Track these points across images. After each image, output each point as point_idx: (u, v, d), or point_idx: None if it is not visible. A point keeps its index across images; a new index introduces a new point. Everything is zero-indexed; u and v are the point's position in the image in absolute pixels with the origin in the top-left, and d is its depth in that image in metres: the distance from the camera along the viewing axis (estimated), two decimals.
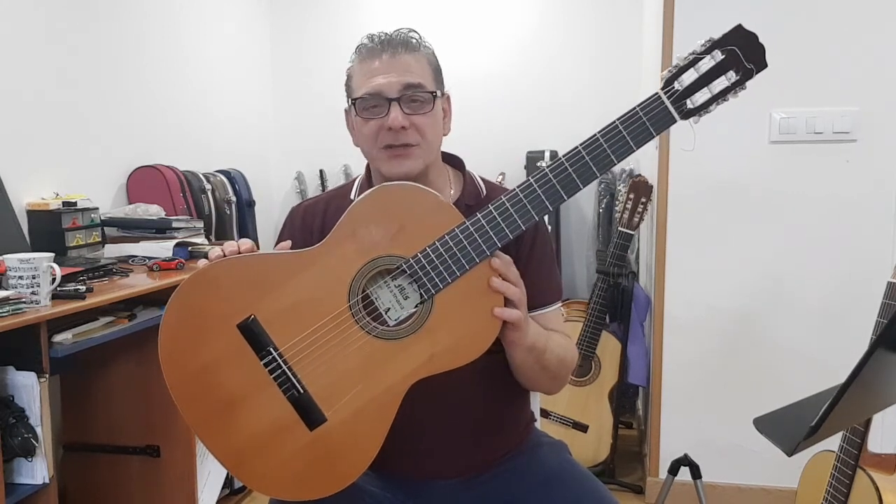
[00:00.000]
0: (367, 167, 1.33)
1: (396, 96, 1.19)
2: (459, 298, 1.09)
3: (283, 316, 1.10)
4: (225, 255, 1.13)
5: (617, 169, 3.54)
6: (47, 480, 1.74)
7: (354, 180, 1.35)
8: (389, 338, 1.10)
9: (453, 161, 1.35)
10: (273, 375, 1.09)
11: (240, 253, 1.13)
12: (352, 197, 1.30)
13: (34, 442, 1.71)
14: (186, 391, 1.11)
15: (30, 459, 1.71)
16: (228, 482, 2.56)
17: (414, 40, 1.23)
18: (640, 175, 2.90)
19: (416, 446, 1.24)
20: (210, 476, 2.41)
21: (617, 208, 3.18)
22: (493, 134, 3.69)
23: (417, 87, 1.20)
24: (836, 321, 2.34)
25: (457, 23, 3.70)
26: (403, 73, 1.19)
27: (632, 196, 2.63)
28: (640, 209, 2.62)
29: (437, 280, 1.08)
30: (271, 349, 1.09)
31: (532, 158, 3.64)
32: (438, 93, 1.24)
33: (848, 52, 2.27)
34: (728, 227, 2.42)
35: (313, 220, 1.31)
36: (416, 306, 1.11)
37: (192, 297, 1.11)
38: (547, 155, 3.61)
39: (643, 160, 3.15)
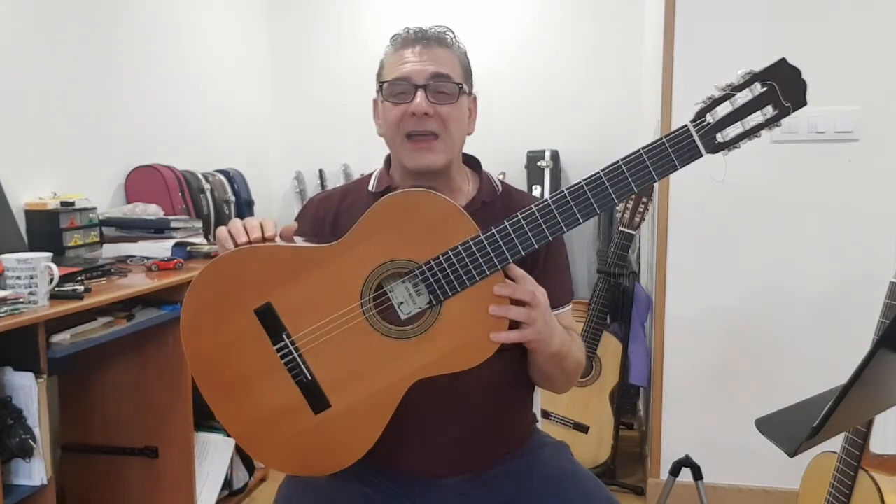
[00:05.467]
0: (387, 159, 1.36)
1: (423, 83, 1.23)
2: (466, 308, 1.12)
3: (299, 306, 1.14)
4: (245, 230, 1.16)
5: None
6: (45, 481, 1.74)
7: (372, 173, 1.37)
8: (396, 337, 1.14)
9: (471, 162, 1.38)
10: (284, 360, 1.15)
11: (262, 230, 1.16)
12: (370, 188, 1.33)
13: (32, 443, 1.70)
14: (204, 367, 1.18)
15: (28, 460, 1.71)
16: (227, 483, 2.56)
17: (449, 38, 1.28)
18: None
19: (419, 443, 1.24)
20: (209, 477, 2.40)
21: (618, 208, 3.17)
22: (494, 133, 3.66)
23: (445, 77, 1.24)
24: (837, 321, 2.33)
25: (457, 22, 3.66)
26: (433, 63, 1.23)
27: (633, 196, 2.62)
28: (641, 209, 2.62)
29: (446, 288, 1.11)
30: (284, 336, 1.14)
31: (532, 158, 3.63)
32: (466, 88, 1.28)
33: (850, 51, 2.26)
34: (729, 227, 2.41)
35: (325, 213, 1.33)
36: (427, 304, 1.13)
37: (215, 280, 1.16)
38: (547, 154, 3.60)
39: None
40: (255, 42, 3.96)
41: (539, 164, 3.60)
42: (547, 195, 1.20)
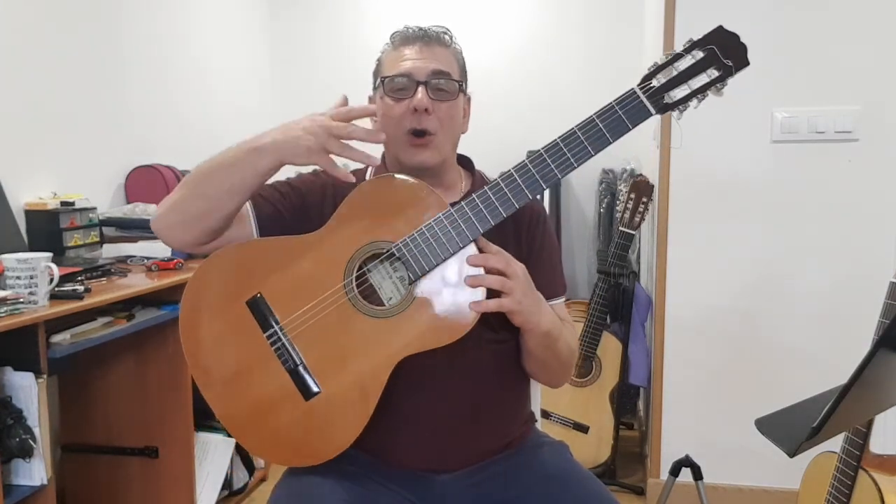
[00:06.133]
0: (383, 154, 1.36)
1: (424, 80, 1.25)
2: (443, 282, 1.15)
3: (286, 293, 1.18)
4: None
5: (618, 168, 3.53)
6: (45, 482, 1.74)
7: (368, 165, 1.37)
8: (378, 316, 1.16)
9: (463, 161, 1.40)
10: (274, 348, 1.18)
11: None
12: (366, 178, 1.34)
13: (32, 443, 1.70)
14: (200, 362, 1.21)
15: (28, 461, 1.71)
16: (227, 483, 2.56)
17: (447, 37, 1.32)
18: (641, 175, 2.89)
19: (411, 436, 1.24)
20: (209, 477, 2.40)
21: (618, 208, 3.17)
22: (493, 132, 3.67)
23: (445, 74, 1.27)
24: (837, 321, 2.33)
25: (457, 22, 3.67)
26: (433, 61, 1.26)
27: (633, 196, 2.62)
28: (641, 209, 2.62)
29: (423, 263, 1.15)
30: (273, 323, 1.18)
31: None
32: (463, 85, 1.31)
33: (850, 50, 2.26)
34: (730, 227, 2.41)
35: (330, 193, 1.32)
36: (407, 283, 1.17)
37: (210, 276, 1.23)
38: None
39: (644, 159, 3.14)
40: (256, 42, 3.96)
41: None
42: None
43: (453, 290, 1.15)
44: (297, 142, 1.15)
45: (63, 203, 2.35)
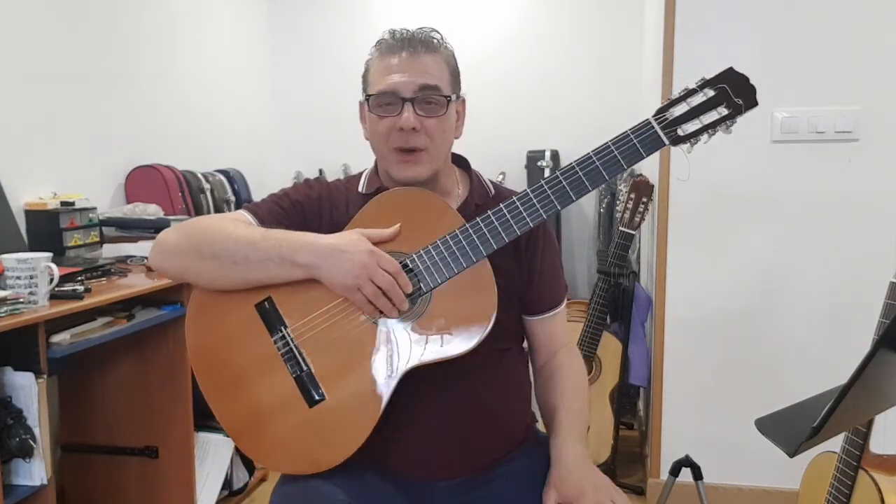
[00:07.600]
0: (376, 161, 1.34)
1: (411, 97, 1.21)
2: (454, 296, 1.16)
3: (297, 298, 1.17)
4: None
5: None
6: (45, 482, 1.74)
7: (362, 173, 1.37)
8: None
9: (459, 161, 1.37)
10: (281, 353, 1.17)
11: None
12: (360, 190, 1.33)
13: (32, 443, 1.70)
14: (204, 361, 1.21)
15: (28, 460, 1.71)
16: (227, 483, 2.56)
17: (435, 41, 1.25)
18: (641, 175, 2.89)
19: (415, 445, 1.24)
20: (209, 477, 2.40)
21: (618, 208, 3.17)
22: (494, 133, 3.68)
23: (433, 89, 1.22)
24: (838, 321, 2.33)
25: (457, 22, 3.70)
26: (420, 74, 1.21)
27: (633, 196, 2.62)
28: (641, 209, 2.61)
29: (436, 276, 1.15)
30: (282, 327, 1.18)
31: (532, 158, 3.63)
32: (454, 97, 1.26)
33: (850, 50, 2.26)
34: (730, 227, 2.41)
35: (326, 204, 1.31)
36: (417, 295, 1.17)
37: None
38: (547, 154, 3.60)
39: (644, 160, 3.14)
40: (256, 42, 3.96)
41: (539, 164, 3.60)
42: None
43: (463, 304, 1.15)
44: (341, 274, 1.12)
45: (63, 203, 2.36)
